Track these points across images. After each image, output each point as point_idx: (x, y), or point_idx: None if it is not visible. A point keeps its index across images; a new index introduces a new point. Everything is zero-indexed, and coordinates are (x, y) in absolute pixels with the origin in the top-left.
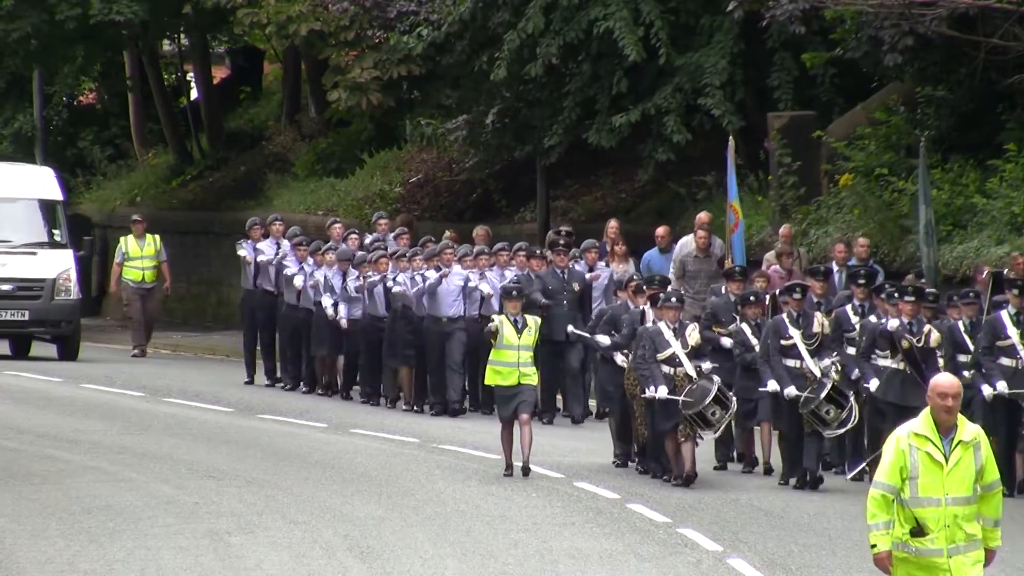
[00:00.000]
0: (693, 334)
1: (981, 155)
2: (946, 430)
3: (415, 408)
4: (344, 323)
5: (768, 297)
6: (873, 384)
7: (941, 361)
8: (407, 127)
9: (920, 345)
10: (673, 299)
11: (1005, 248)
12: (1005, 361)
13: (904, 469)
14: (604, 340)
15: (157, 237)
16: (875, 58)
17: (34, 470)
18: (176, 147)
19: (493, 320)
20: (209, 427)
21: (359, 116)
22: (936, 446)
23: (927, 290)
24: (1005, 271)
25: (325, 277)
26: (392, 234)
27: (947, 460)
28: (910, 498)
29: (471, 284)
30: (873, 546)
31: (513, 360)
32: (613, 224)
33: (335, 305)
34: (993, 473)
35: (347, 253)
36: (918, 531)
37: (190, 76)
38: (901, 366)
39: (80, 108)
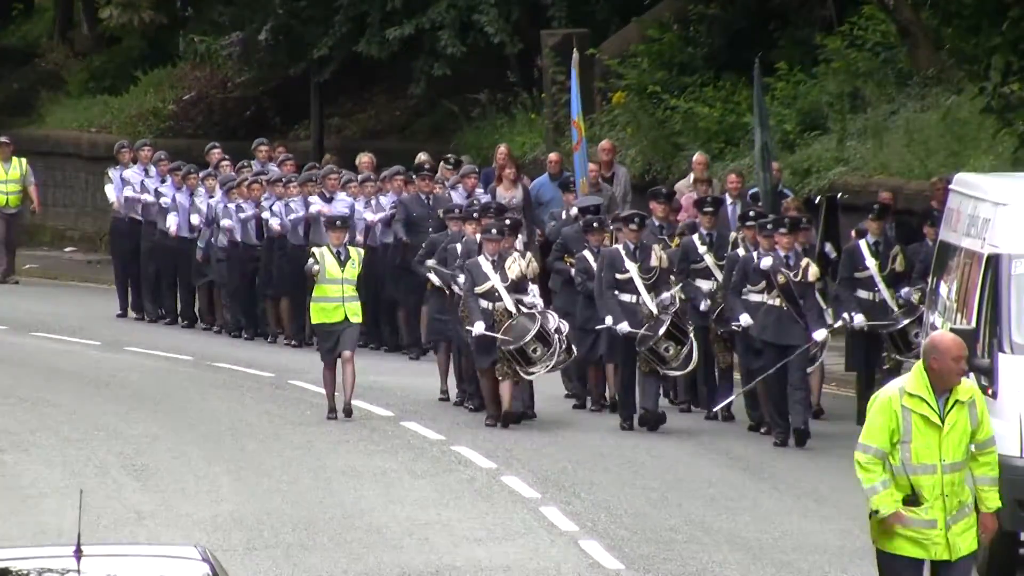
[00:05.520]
0: (513, 267)
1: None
2: (942, 390)
3: (294, 343)
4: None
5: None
6: (744, 319)
7: (819, 296)
8: (180, 44)
9: (798, 280)
10: (493, 231)
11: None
12: (862, 294)
13: (896, 432)
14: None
15: (23, 160)
16: None
17: None
18: None
19: (314, 254)
20: None
21: (132, 33)
22: (931, 408)
23: (802, 219)
24: (839, 196)
25: (208, 205)
26: (276, 161)
27: (943, 422)
28: (901, 464)
29: (358, 212)
30: (875, 511)
31: (337, 295)
32: (502, 149)
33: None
34: (989, 430)
35: (229, 178)
36: (912, 499)
37: None
38: (777, 302)
39: None
